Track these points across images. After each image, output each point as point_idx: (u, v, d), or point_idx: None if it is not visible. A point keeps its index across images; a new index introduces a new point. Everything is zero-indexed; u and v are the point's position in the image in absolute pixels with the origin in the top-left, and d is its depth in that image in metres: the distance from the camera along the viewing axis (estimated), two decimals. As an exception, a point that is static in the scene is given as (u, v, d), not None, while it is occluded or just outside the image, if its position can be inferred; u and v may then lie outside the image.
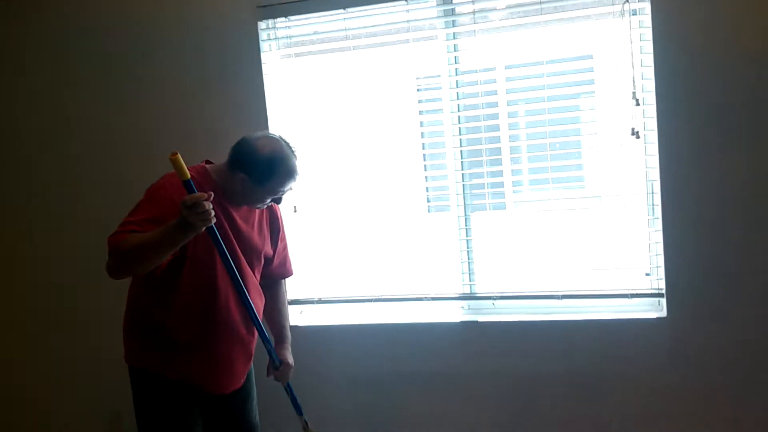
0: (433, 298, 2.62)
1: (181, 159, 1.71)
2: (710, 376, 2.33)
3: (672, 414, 2.37)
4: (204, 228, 1.71)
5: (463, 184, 2.56)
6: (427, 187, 2.67)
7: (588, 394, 2.44)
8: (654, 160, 2.32)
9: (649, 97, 2.31)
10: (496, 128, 2.52)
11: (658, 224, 2.33)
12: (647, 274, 2.41)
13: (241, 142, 1.98)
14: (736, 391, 2.31)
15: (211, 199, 1.69)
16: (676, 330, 2.33)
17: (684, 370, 2.34)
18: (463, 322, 2.57)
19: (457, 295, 2.62)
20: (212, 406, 2.10)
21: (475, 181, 2.56)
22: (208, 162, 2.06)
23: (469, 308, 2.62)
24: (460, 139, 2.55)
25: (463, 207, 2.58)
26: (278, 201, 2.05)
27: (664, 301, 2.36)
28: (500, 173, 2.57)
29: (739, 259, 2.27)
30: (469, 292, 2.61)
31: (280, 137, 2.01)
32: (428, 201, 2.73)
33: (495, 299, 2.55)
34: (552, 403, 2.47)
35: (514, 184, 2.64)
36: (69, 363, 2.94)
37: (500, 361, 2.50)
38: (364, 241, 2.69)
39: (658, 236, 2.34)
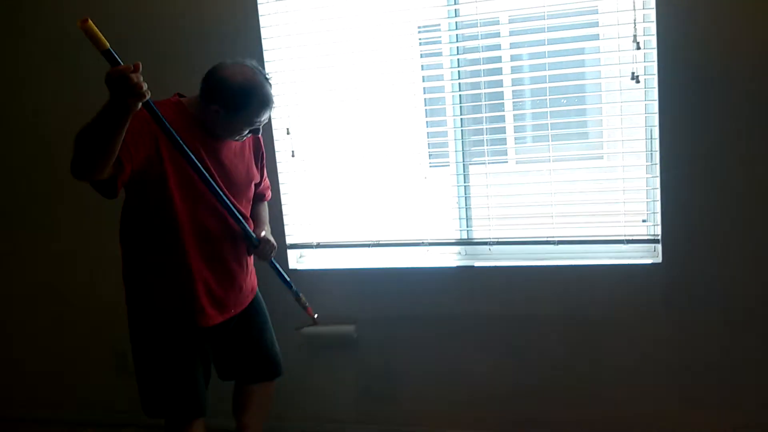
0: (430, 244, 2.65)
1: (95, 26, 1.51)
2: (703, 321, 2.35)
3: (664, 357, 2.41)
4: (139, 104, 1.56)
5: (462, 130, 2.55)
6: (428, 133, 2.65)
7: (581, 336, 2.48)
8: (653, 106, 2.29)
9: (650, 41, 2.27)
10: (499, 83, 2.49)
11: (656, 170, 2.32)
12: (644, 221, 2.42)
13: (211, 72, 1.90)
14: (729, 336, 2.34)
15: (141, 79, 1.51)
16: (670, 275, 2.35)
17: (678, 314, 2.37)
18: (459, 267, 2.60)
19: (454, 240, 2.65)
20: (222, 338, 2.14)
21: (474, 127, 2.54)
22: (180, 95, 2.01)
23: (465, 254, 2.65)
24: (460, 93, 2.53)
25: (461, 154, 2.58)
26: (256, 132, 2.00)
27: (659, 246, 2.37)
28: (502, 121, 2.56)
29: (735, 206, 2.26)
30: (466, 237, 2.63)
31: (252, 64, 1.94)
32: (429, 147, 2.72)
33: (491, 245, 2.57)
34: (545, 345, 2.51)
35: (516, 131, 2.62)
36: (75, 305, 3.02)
37: (495, 304, 2.54)
38: (364, 188, 2.69)
39: (656, 182, 2.33)
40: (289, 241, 2.70)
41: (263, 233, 2.15)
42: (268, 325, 2.29)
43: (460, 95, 2.54)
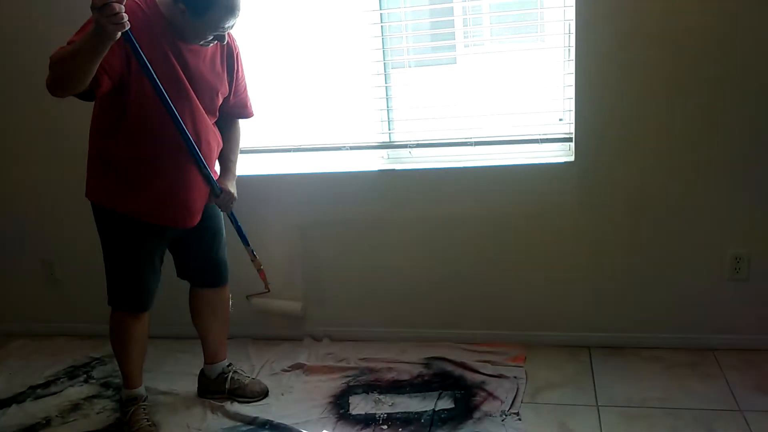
0: (352, 147, 2.62)
1: None
2: (612, 216, 2.41)
3: (577, 251, 2.48)
4: (117, 33, 1.65)
5: (383, 38, 2.48)
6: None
7: (499, 234, 2.53)
8: (571, 1, 2.23)
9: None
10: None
11: (571, 67, 2.29)
12: (560, 120, 2.41)
13: None
14: (635, 230, 2.42)
15: (123, 10, 1.62)
16: (582, 173, 2.38)
17: (589, 210, 2.42)
18: (381, 171, 2.59)
19: (376, 144, 2.62)
20: (179, 242, 2.20)
21: (396, 35, 2.46)
22: None
23: (388, 157, 2.63)
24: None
25: (382, 64, 2.52)
26: (221, 39, 1.98)
27: (572, 145, 2.37)
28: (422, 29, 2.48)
29: (645, 106, 2.27)
30: (387, 140, 2.61)
31: None
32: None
33: (411, 147, 2.55)
34: (465, 243, 2.57)
35: (435, 39, 2.55)
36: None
37: (417, 206, 2.56)
38: (290, 93, 2.63)
39: (571, 79, 2.30)
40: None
41: (229, 186, 2.18)
42: (221, 234, 2.32)
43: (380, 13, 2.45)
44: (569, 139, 2.39)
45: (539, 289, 2.56)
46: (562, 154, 2.43)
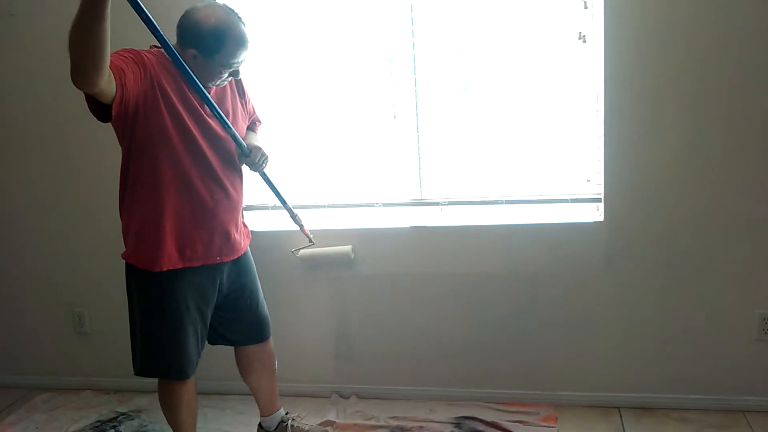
0: (385, 204, 2.69)
1: None
2: (641, 276, 2.45)
3: (605, 312, 2.51)
4: None
5: (415, 99, 2.58)
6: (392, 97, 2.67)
7: (527, 292, 2.55)
8: (599, 66, 2.33)
9: (597, 1, 2.30)
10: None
11: (600, 131, 2.38)
12: (588, 181, 2.48)
13: (184, 16, 1.92)
14: (663, 291, 2.44)
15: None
16: (611, 233, 2.43)
17: (618, 270, 2.46)
18: (413, 227, 2.64)
19: (408, 201, 2.69)
20: (220, 309, 2.16)
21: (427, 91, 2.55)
22: (155, 47, 1.98)
23: (419, 214, 2.69)
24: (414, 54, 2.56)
25: (415, 125, 2.60)
26: (236, 74, 2.00)
27: (602, 205, 2.44)
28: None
29: (673, 169, 2.34)
30: (419, 198, 2.67)
31: (223, 5, 1.96)
32: (394, 117, 2.74)
33: (443, 205, 2.62)
34: (493, 301, 2.59)
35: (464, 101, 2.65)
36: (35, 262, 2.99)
37: (447, 262, 2.59)
38: (323, 150, 2.71)
39: (599, 143, 2.39)
40: (244, 202, 2.67)
41: (255, 142, 2.17)
42: (259, 290, 2.31)
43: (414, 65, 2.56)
44: (598, 200, 2.45)
45: (569, 348, 2.56)
46: (592, 213, 2.49)
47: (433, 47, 2.56)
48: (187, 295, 2.05)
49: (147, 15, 1.68)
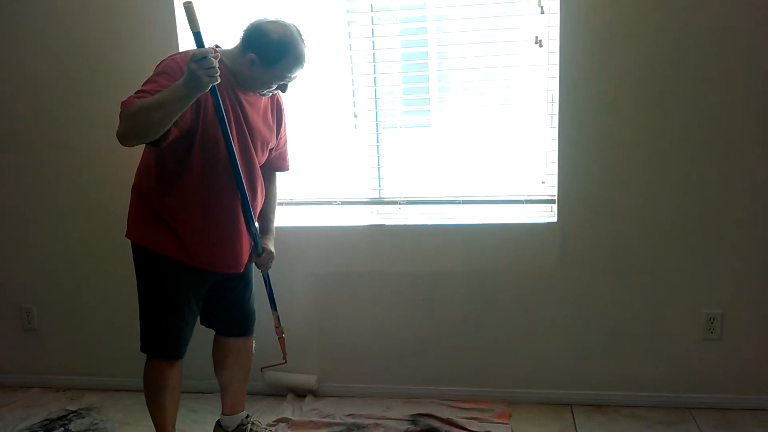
0: (343, 202, 2.69)
1: (195, 9, 1.74)
2: (593, 276, 2.50)
3: (559, 309, 2.55)
4: (209, 86, 1.74)
5: (376, 100, 2.61)
6: (354, 102, 2.68)
7: (483, 291, 2.59)
8: (555, 70, 2.38)
9: (554, 6, 2.35)
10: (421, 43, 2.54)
11: (555, 133, 2.42)
12: (543, 182, 2.53)
13: (255, 22, 2.01)
14: (614, 290, 2.51)
15: (218, 64, 1.73)
16: (564, 233, 2.48)
17: (571, 269, 2.51)
18: (371, 225, 2.65)
19: (367, 200, 2.70)
20: (213, 291, 2.20)
21: (389, 97, 2.58)
22: (217, 46, 2.04)
23: (377, 213, 2.70)
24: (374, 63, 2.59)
25: (375, 125, 2.63)
26: (284, 89, 2.08)
27: (555, 207, 2.48)
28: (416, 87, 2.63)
29: (626, 171, 2.40)
30: (377, 197, 2.69)
31: (293, 24, 2.04)
32: (355, 116, 2.75)
33: (401, 204, 2.63)
34: (450, 300, 2.62)
35: (422, 102, 2.68)
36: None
37: (403, 261, 2.61)
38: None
39: (554, 145, 2.44)
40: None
41: (270, 245, 2.24)
42: (252, 284, 2.34)
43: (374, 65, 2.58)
44: (552, 201, 2.50)
45: (523, 346, 2.60)
46: (546, 214, 2.53)
47: (392, 47, 2.58)
48: (186, 280, 2.10)
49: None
